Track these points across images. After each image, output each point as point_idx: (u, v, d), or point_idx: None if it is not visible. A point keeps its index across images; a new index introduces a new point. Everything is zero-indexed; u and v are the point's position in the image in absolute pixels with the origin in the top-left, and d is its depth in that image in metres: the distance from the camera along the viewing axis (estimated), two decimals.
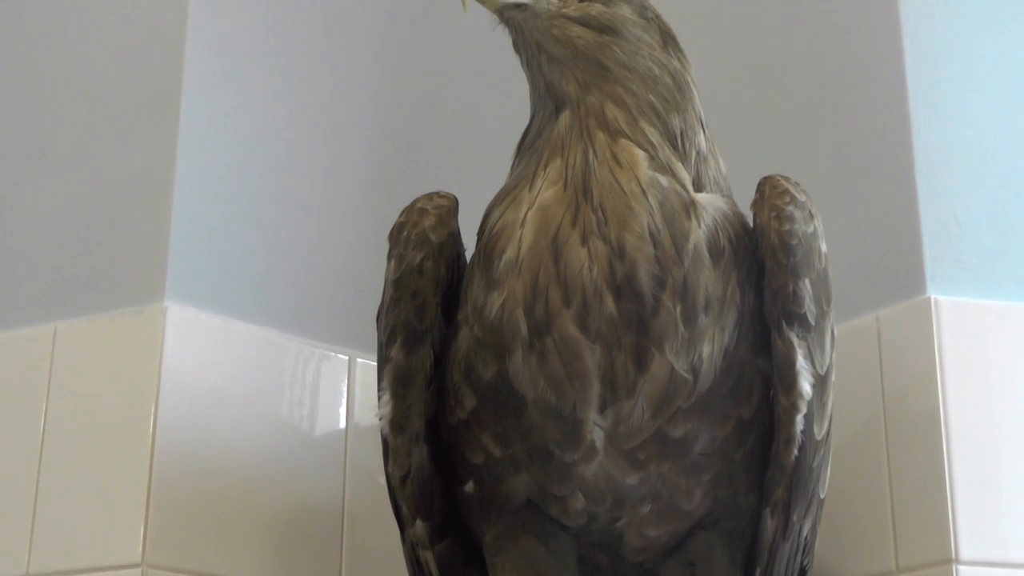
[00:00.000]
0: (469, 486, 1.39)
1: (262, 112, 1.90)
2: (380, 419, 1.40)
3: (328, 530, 1.78)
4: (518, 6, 1.37)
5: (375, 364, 1.43)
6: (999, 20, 1.83)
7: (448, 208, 1.40)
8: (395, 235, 1.40)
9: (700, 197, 1.35)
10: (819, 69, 1.87)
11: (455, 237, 1.40)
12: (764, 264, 1.35)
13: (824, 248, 1.37)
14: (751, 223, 1.37)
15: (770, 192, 1.37)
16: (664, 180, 1.33)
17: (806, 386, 1.34)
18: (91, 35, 1.92)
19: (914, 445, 1.62)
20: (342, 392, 1.85)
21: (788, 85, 1.90)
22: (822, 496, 1.42)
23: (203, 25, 1.84)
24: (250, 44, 1.91)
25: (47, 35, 1.96)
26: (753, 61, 1.95)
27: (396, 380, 1.38)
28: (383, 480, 1.45)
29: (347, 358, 1.86)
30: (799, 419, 1.34)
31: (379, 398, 1.40)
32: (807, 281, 1.34)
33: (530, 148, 1.39)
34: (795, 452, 1.35)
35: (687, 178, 1.35)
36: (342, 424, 1.84)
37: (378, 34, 2.07)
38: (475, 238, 1.39)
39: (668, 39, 1.41)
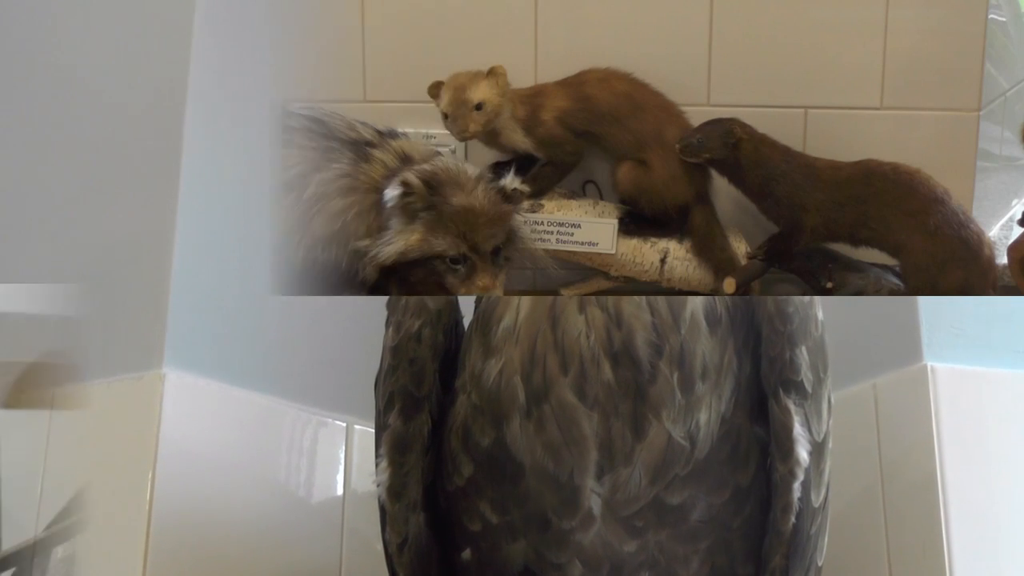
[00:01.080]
0: (466, 553, 1.38)
1: (261, 179, 1.90)
2: (377, 486, 1.39)
3: None
4: None
5: (373, 431, 1.42)
6: None
7: None
8: (393, 302, 1.41)
9: None
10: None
11: (453, 304, 1.40)
12: (761, 332, 1.35)
13: (820, 315, 1.37)
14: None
15: None
16: None
17: (803, 453, 1.33)
18: (90, 100, 1.93)
19: (912, 512, 1.62)
20: (340, 459, 1.85)
21: None
22: (820, 563, 1.41)
23: (203, 89, 1.85)
24: (251, 109, 1.93)
25: (46, 99, 1.97)
26: None
27: (394, 447, 1.38)
28: (380, 547, 1.43)
29: (345, 425, 1.86)
30: (796, 486, 1.33)
31: (376, 465, 1.40)
32: (804, 349, 1.34)
33: None
34: (792, 519, 1.34)
35: None
36: (339, 491, 1.84)
37: None
38: (473, 305, 1.39)
39: None
